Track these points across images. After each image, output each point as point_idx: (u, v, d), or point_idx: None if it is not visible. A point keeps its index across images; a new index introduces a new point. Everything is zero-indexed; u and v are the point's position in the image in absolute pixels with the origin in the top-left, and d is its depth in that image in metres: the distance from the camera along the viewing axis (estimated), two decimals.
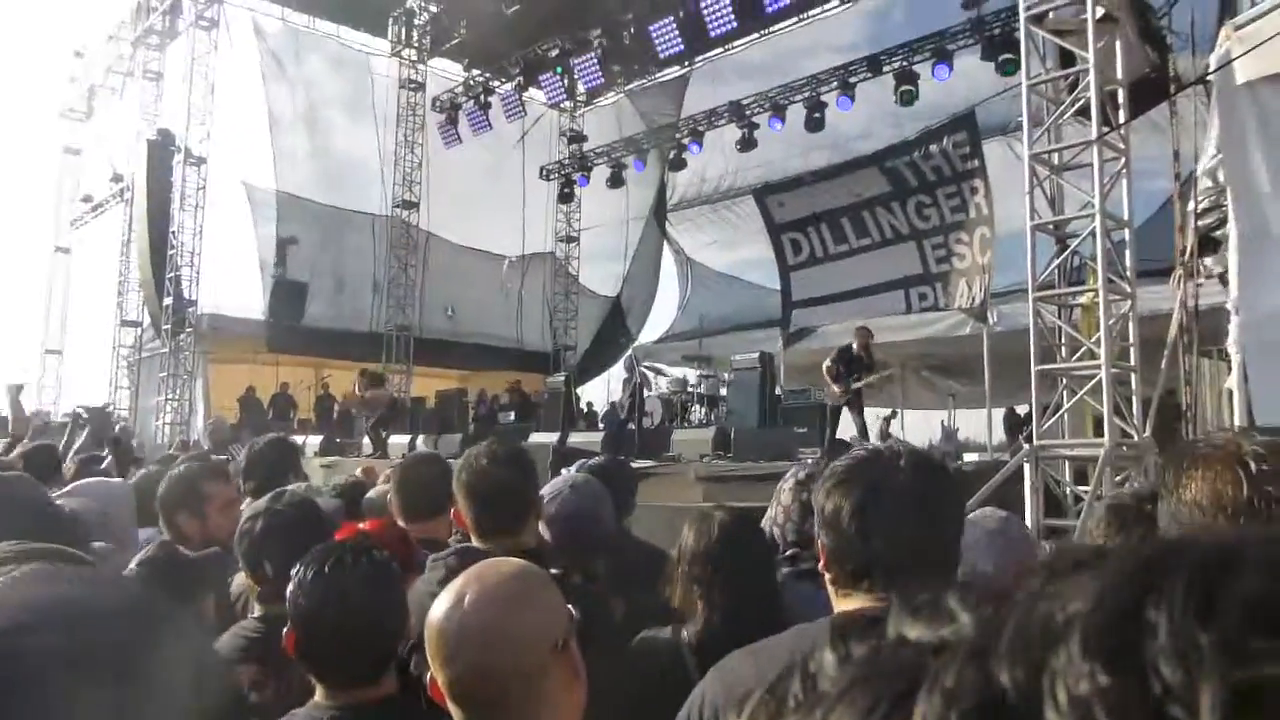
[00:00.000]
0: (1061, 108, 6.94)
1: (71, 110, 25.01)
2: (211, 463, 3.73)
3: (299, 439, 15.70)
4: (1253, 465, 1.11)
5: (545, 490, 2.78)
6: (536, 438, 13.46)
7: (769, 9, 15.00)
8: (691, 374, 17.13)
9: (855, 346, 11.79)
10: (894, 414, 16.85)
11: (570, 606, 1.40)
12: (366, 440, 15.11)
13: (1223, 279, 7.38)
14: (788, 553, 2.44)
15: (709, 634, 2.14)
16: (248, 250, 19.93)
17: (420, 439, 14.56)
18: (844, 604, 1.41)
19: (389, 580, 1.88)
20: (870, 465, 1.41)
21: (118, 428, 14.73)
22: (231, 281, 19.51)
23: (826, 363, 11.69)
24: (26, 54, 50.69)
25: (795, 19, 16.75)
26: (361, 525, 2.63)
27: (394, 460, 11.88)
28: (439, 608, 1.33)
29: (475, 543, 2.42)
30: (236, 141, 19.23)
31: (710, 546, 2.23)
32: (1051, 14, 7.05)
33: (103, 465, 5.21)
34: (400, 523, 2.87)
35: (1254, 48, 6.65)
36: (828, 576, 1.44)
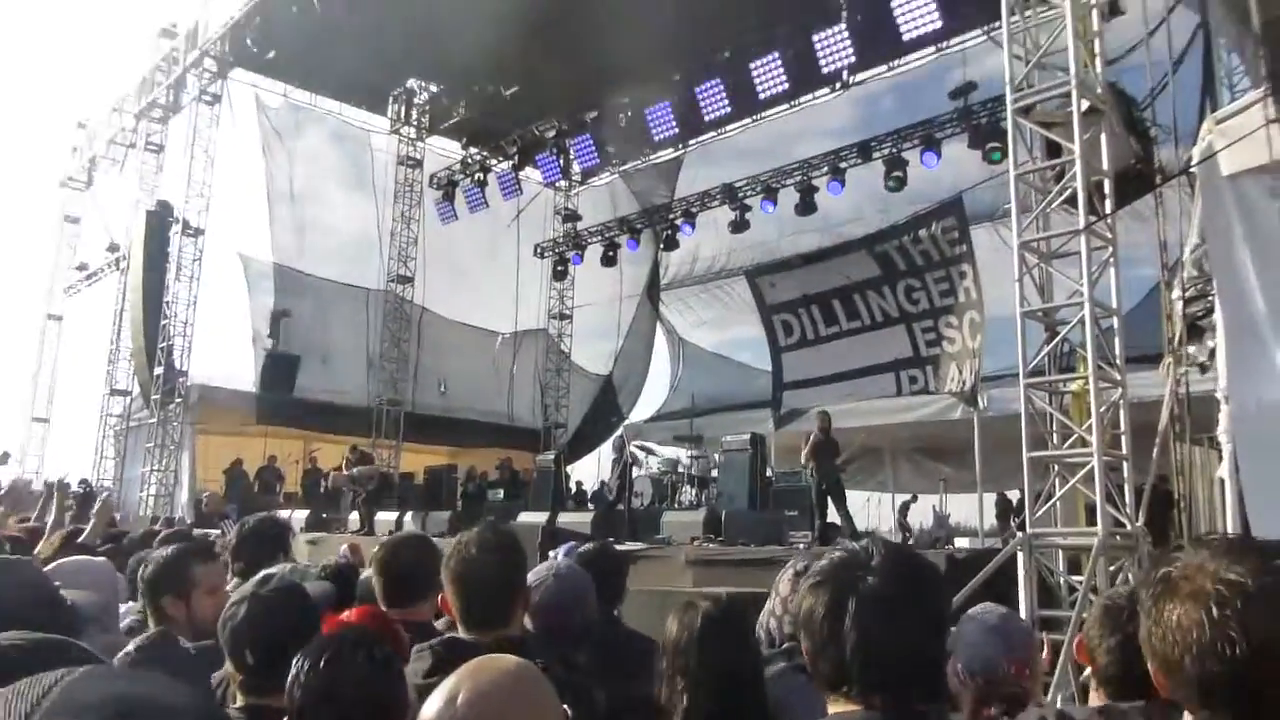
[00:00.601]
0: (1049, 197, 7.05)
1: (72, 179, 25.28)
2: (200, 543, 3.66)
3: (284, 513, 15.63)
4: (1215, 610, 1.11)
5: (530, 577, 2.73)
6: (525, 517, 13.34)
7: (762, 95, 15.34)
8: (683, 454, 17.05)
9: (820, 432, 11.67)
10: (914, 499, 16.76)
11: (565, 706, 1.36)
12: (354, 516, 14.93)
13: (1203, 368, 7.43)
14: (783, 645, 2.39)
15: None
16: (241, 322, 19.98)
17: (409, 516, 14.40)
18: (831, 707, 1.39)
19: (390, 677, 1.83)
20: (844, 567, 1.39)
21: (100, 498, 14.56)
22: (223, 352, 19.52)
23: (804, 453, 11.62)
24: (31, 124, 51.44)
25: (787, 105, 17.11)
26: (345, 614, 2.55)
27: (381, 537, 11.74)
28: (432, 706, 1.29)
29: (461, 632, 2.36)
30: (235, 213, 19.45)
31: (692, 639, 2.18)
32: (1038, 106, 7.22)
33: (81, 538, 5.09)
34: (383, 607, 2.80)
35: (1235, 141, 6.80)
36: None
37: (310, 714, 1.71)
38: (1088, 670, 2.05)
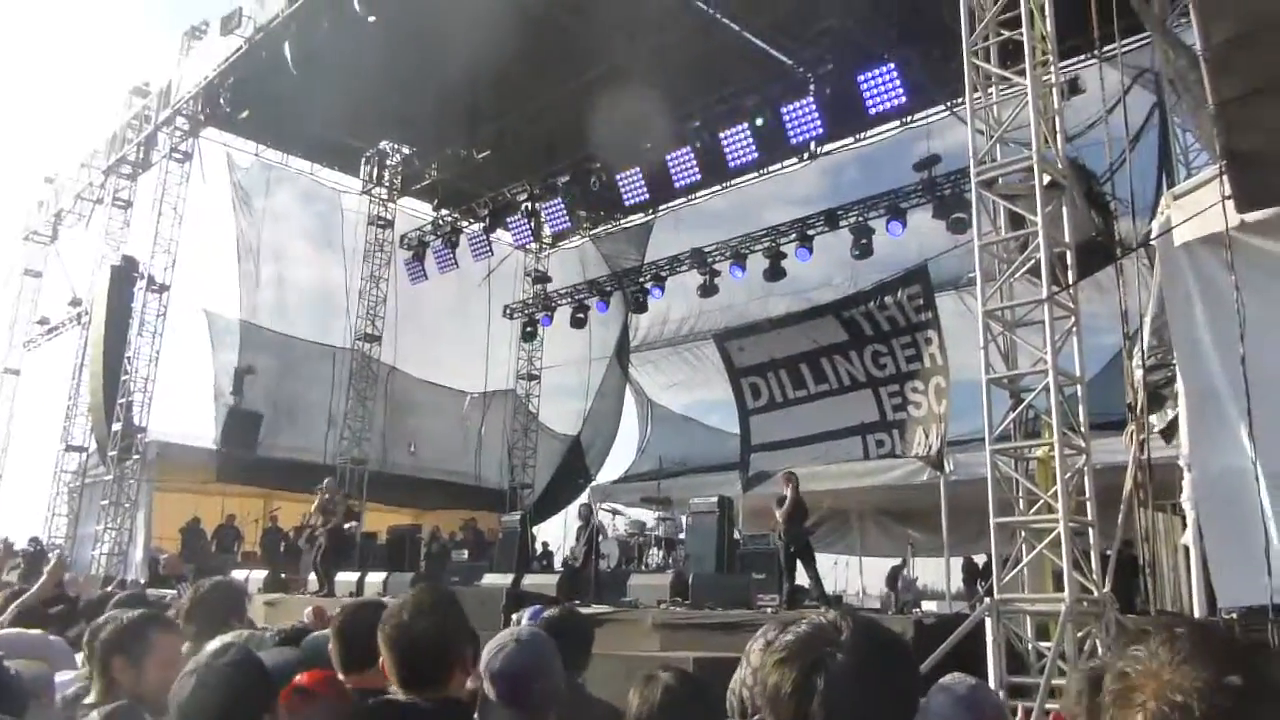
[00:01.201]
0: (1013, 267, 7.20)
1: (36, 234, 25.05)
2: (160, 611, 3.57)
3: (243, 573, 15.29)
4: (1202, 684, 1.08)
5: (491, 643, 2.69)
6: (490, 578, 13.14)
7: (732, 163, 15.60)
8: (649, 516, 16.94)
9: (789, 494, 11.65)
10: (902, 564, 16.72)
11: None
12: (312, 577, 14.63)
13: (1165, 435, 7.54)
14: (755, 717, 2.35)
15: None
16: (203, 378, 19.79)
17: (369, 577, 14.11)
18: None
19: None
20: (811, 642, 1.35)
21: (51, 556, 14.19)
22: (183, 409, 19.29)
23: (781, 513, 11.56)
24: None
25: (756, 173, 17.43)
26: (297, 678, 2.49)
27: (342, 598, 11.49)
28: None
29: (399, 693, 2.31)
30: (201, 270, 19.36)
31: (653, 712, 2.14)
32: (1000, 179, 7.40)
33: (25, 598, 4.93)
34: (339, 672, 2.74)
35: (1192, 216, 7.00)
36: None
37: None
38: None
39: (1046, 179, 7.06)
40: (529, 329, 22.54)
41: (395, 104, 17.22)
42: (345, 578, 14.11)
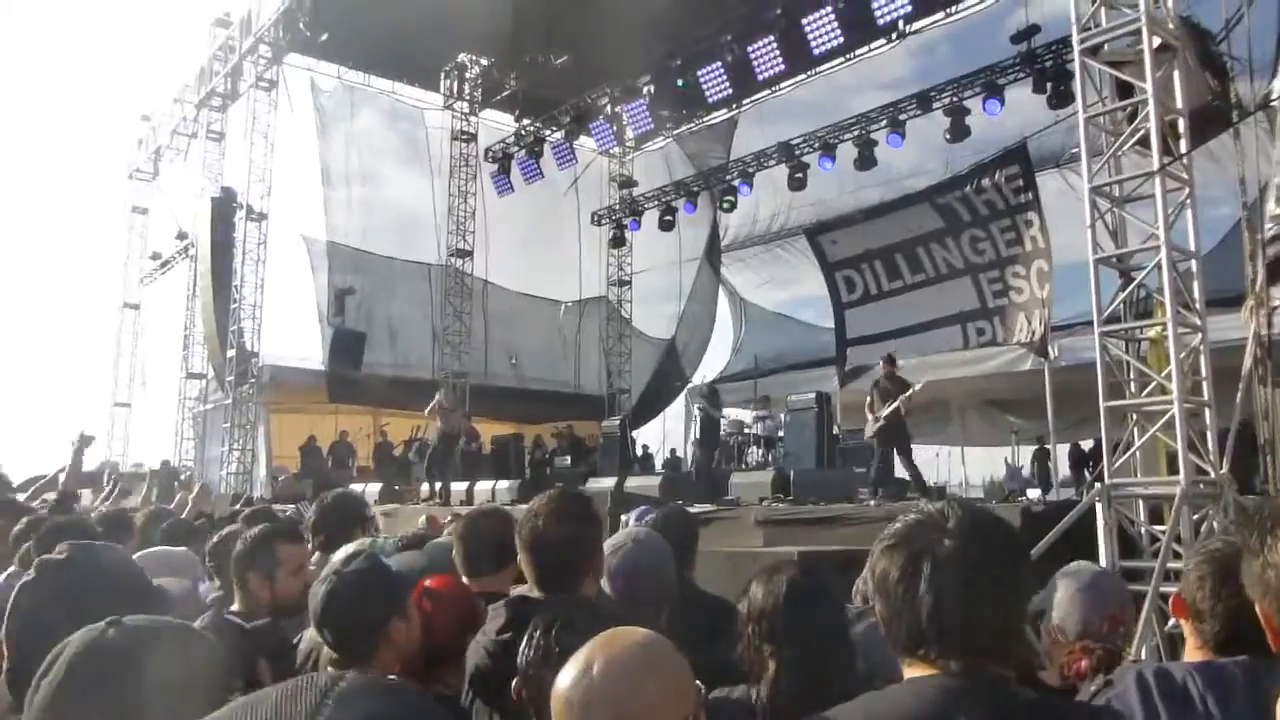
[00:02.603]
0: (1121, 139, 6.82)
1: (139, 171, 25.94)
2: (286, 523, 3.77)
3: (359, 486, 16.00)
4: None
5: (608, 543, 2.76)
6: (593, 483, 13.46)
7: (816, 50, 15.03)
8: (747, 415, 17.03)
9: (881, 377, 11.13)
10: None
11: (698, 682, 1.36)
12: (425, 486, 15.22)
13: None
14: (867, 605, 2.38)
15: (780, 694, 2.08)
16: (307, 302, 20.41)
17: (478, 485, 14.58)
18: (908, 671, 1.37)
19: None
20: (919, 529, 1.37)
21: (197, 485, 15.07)
22: (292, 333, 19.99)
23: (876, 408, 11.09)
24: (97, 120, 52.78)
25: (842, 59, 16.76)
26: (427, 582, 2.61)
27: (454, 506, 11.96)
28: (566, 677, 1.28)
29: (532, 591, 2.40)
30: (296, 196, 19.83)
31: (779, 604, 2.18)
32: (1107, 45, 6.96)
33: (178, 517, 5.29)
34: (463, 577, 2.86)
35: None
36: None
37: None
38: (1172, 621, 1.99)
39: (1157, 41, 6.62)
40: (617, 235, 22.50)
41: (470, 14, 17.01)
42: (456, 486, 14.63)
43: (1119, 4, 6.98)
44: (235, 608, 3.10)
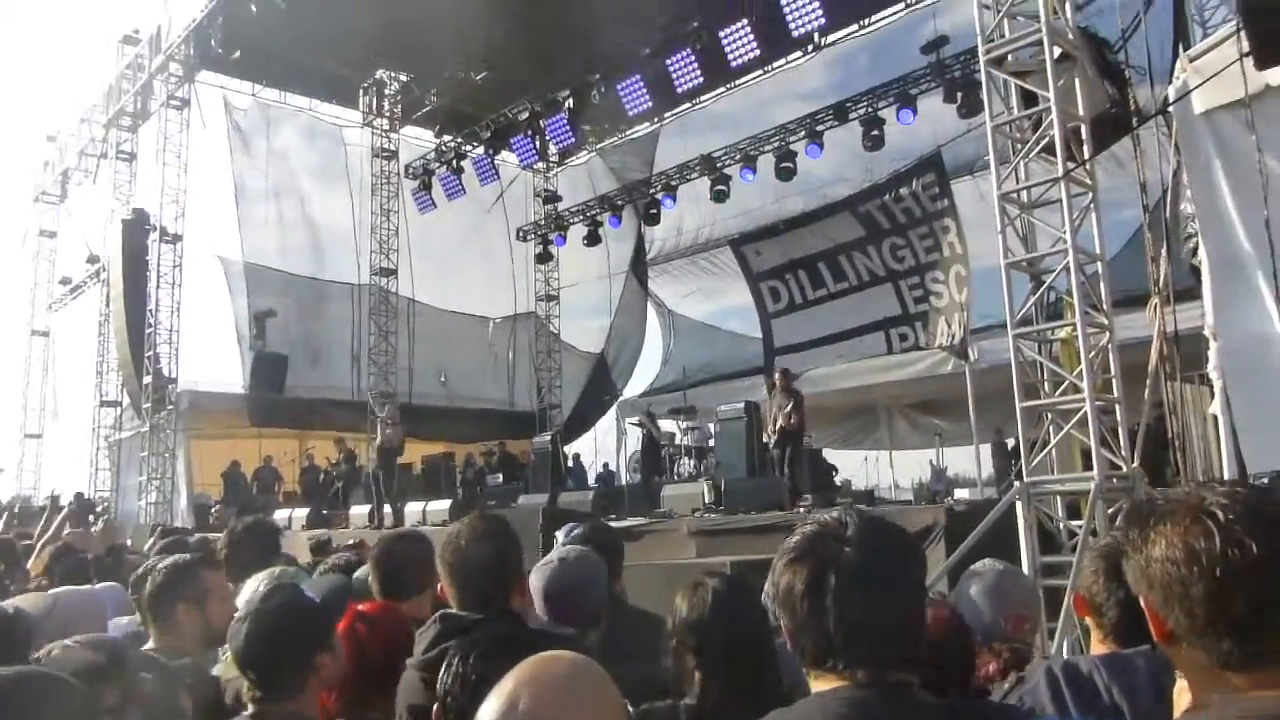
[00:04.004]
0: (1026, 147, 7.03)
1: (45, 194, 25.08)
2: (205, 549, 3.66)
3: (285, 512, 15.63)
4: (1220, 514, 1.10)
5: (539, 564, 2.76)
6: (525, 499, 13.37)
7: (734, 63, 15.21)
8: (678, 426, 17.10)
9: (777, 390, 11.88)
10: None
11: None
12: (354, 510, 14.93)
13: None
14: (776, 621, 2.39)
15: (706, 706, 2.09)
16: (225, 324, 19.91)
17: (408, 506, 14.36)
18: (815, 684, 1.36)
19: None
20: (819, 541, 1.37)
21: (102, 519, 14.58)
22: (210, 356, 19.46)
23: (774, 419, 11.75)
24: None
25: (760, 70, 17.01)
26: (360, 607, 2.56)
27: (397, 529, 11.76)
28: (491, 708, 1.22)
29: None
30: (211, 216, 19.32)
31: (703, 616, 2.18)
32: (1010, 56, 7.18)
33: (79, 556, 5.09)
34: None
35: (1209, 78, 6.79)
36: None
37: None
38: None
39: (1057, 51, 6.85)
40: (543, 250, 22.46)
41: (387, 30, 16.82)
42: (357, 510, 14.42)
43: (1021, 15, 7.21)
44: (151, 645, 2.98)
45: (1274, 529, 1.07)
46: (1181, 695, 1.26)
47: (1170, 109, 7.52)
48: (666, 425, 17.19)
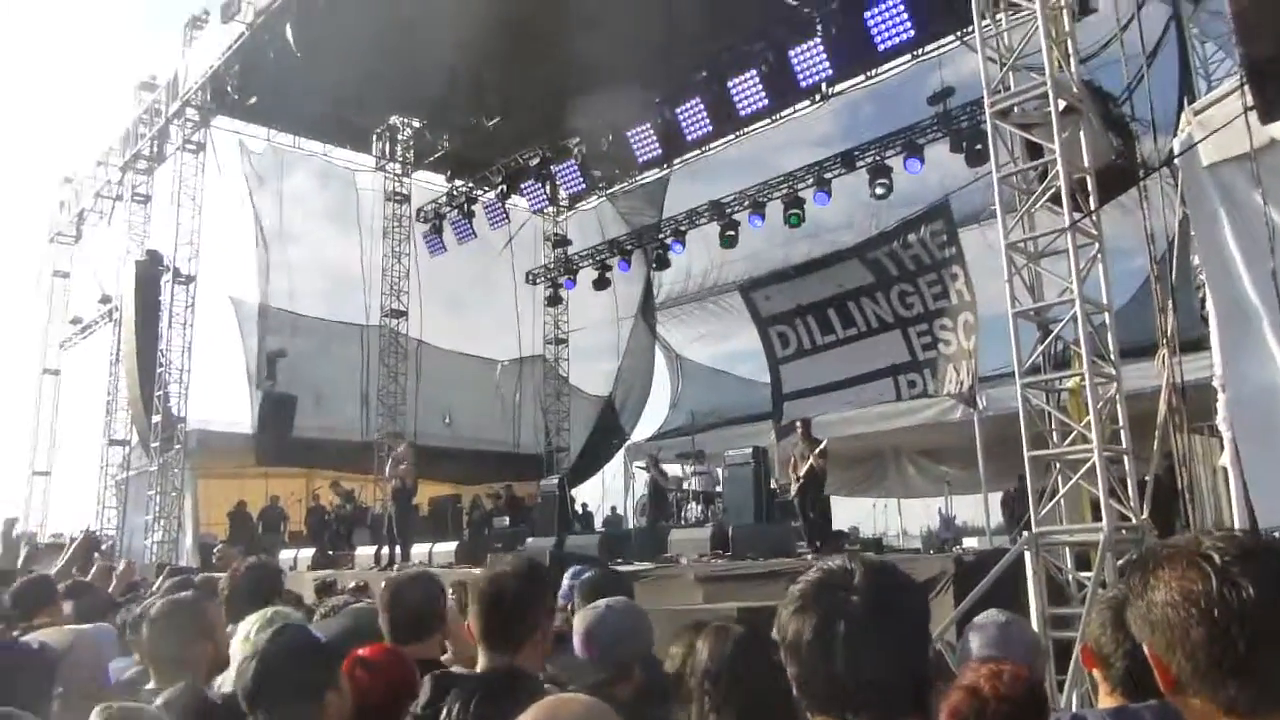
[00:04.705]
0: (1033, 197, 7.09)
1: (61, 235, 25.32)
2: (207, 592, 3.67)
3: (291, 553, 15.59)
4: (1216, 557, 1.11)
5: (587, 608, 2.83)
6: (532, 542, 13.31)
7: (742, 112, 15.40)
8: (686, 470, 17.05)
9: (798, 439, 11.98)
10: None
11: None
12: (360, 551, 14.87)
13: None
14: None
15: None
16: (235, 364, 19.99)
17: (414, 548, 14.30)
18: None
19: None
20: (825, 589, 1.38)
21: (120, 563, 14.50)
22: (220, 396, 19.52)
23: (796, 470, 11.79)
24: (17, 182, 51.58)
25: (769, 119, 17.19)
26: (360, 652, 2.56)
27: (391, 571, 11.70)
28: None
29: (481, 650, 2.43)
30: (225, 258, 19.50)
31: (724, 662, 2.19)
32: (1015, 108, 7.27)
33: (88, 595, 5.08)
34: (389, 644, 2.80)
35: (1214, 131, 6.86)
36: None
37: None
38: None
39: (1062, 104, 6.93)
40: (553, 293, 22.59)
41: (401, 77, 17.12)
42: (364, 551, 14.35)
43: (1026, 68, 7.31)
44: (151, 685, 2.97)
45: (1269, 571, 1.09)
46: None
47: (1176, 162, 7.59)
48: (673, 469, 17.14)
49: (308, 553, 15.57)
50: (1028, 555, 6.52)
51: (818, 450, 11.47)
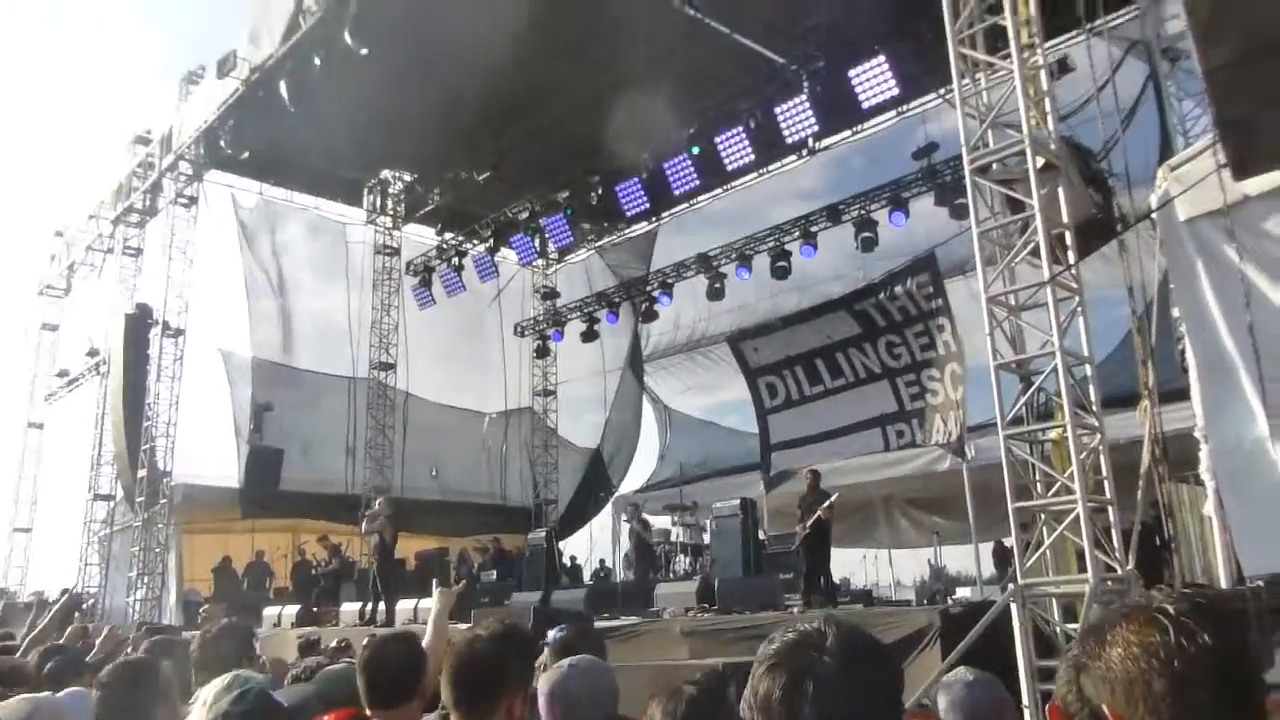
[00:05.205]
0: (1013, 251, 7.19)
1: (50, 288, 25.32)
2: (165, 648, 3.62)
3: (276, 609, 15.39)
4: (1172, 610, 1.13)
5: (551, 669, 2.78)
6: (518, 596, 13.20)
7: (729, 167, 15.63)
8: (673, 523, 16.97)
9: (806, 491, 11.92)
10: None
11: None
12: (345, 608, 14.69)
13: None
14: None
15: None
16: (223, 418, 19.89)
17: (400, 604, 14.13)
18: None
19: None
20: (798, 649, 1.39)
21: (105, 630, 14.26)
22: (206, 450, 19.37)
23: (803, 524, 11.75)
24: (7, 234, 51.71)
25: (755, 174, 17.43)
26: (326, 718, 2.53)
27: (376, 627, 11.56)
28: None
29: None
30: (214, 311, 19.50)
31: None
32: (994, 165, 7.40)
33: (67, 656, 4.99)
34: (366, 709, 2.76)
35: (1190, 187, 6.99)
36: None
37: None
38: None
39: (1040, 161, 7.06)
40: (541, 345, 22.65)
41: (393, 133, 17.35)
42: (349, 607, 14.16)
43: (1005, 125, 7.46)
44: None
45: (1222, 623, 1.11)
46: None
47: (1153, 217, 7.72)
48: (661, 521, 17.05)
49: (292, 610, 15.37)
50: (1014, 607, 6.50)
51: (826, 504, 11.39)
